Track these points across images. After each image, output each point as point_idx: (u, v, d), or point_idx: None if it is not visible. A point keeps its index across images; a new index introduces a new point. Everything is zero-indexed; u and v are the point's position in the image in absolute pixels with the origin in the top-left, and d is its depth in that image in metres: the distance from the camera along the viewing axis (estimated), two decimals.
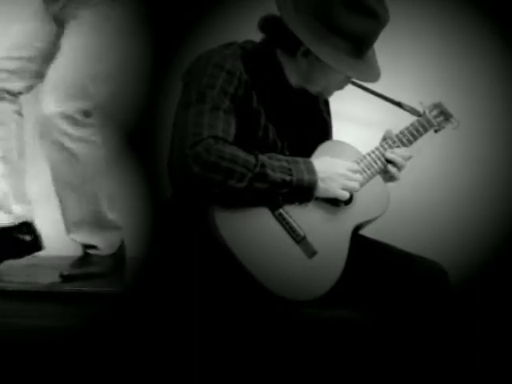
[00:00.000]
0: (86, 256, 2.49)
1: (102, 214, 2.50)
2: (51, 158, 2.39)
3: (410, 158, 2.08)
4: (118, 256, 2.56)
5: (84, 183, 2.43)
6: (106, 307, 2.22)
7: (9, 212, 2.50)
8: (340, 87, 2.02)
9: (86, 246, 2.50)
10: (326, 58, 1.89)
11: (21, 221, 2.52)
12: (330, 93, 2.04)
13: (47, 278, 2.41)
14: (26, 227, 2.54)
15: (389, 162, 2.05)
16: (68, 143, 2.36)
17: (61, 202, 2.46)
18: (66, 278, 2.37)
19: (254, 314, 1.85)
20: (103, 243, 2.51)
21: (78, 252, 2.54)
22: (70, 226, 2.49)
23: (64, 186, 2.43)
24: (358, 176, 1.96)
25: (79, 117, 2.36)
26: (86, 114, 2.38)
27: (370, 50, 1.96)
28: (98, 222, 2.49)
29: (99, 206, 2.48)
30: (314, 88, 2.00)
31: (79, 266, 2.44)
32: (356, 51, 1.92)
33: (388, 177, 2.07)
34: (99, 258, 2.49)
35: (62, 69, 2.36)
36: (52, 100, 2.33)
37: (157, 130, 2.72)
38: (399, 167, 2.06)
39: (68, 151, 2.37)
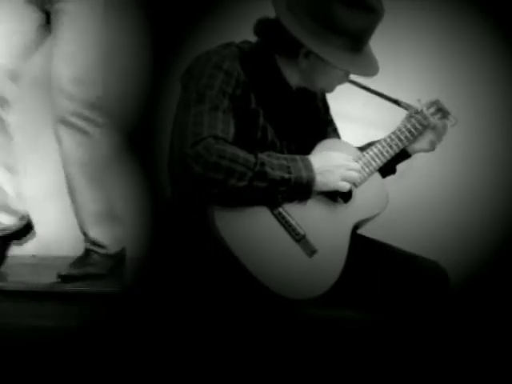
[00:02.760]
0: (86, 256, 2.49)
1: (113, 205, 2.51)
2: (67, 143, 2.42)
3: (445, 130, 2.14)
4: (120, 256, 2.56)
5: (98, 168, 2.46)
6: (106, 307, 2.22)
7: (15, 214, 2.54)
8: (342, 82, 2.03)
9: (95, 244, 2.49)
10: (328, 57, 1.89)
11: (25, 221, 2.57)
12: (333, 88, 2.05)
13: (47, 278, 2.41)
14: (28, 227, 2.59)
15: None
16: (84, 125, 2.40)
17: (75, 193, 2.47)
18: (64, 278, 2.37)
19: (254, 313, 1.85)
20: (112, 240, 2.51)
21: (78, 252, 2.54)
22: (85, 218, 2.49)
23: (79, 173, 2.44)
24: (356, 164, 1.96)
25: (94, 100, 2.41)
26: (98, 98, 2.42)
27: (367, 44, 1.97)
28: (110, 214, 2.50)
29: (111, 198, 2.49)
30: (316, 86, 2.01)
31: (78, 267, 2.43)
32: (354, 46, 1.92)
33: (427, 142, 2.13)
34: (99, 258, 2.48)
35: (66, 58, 2.38)
36: (66, 90, 2.37)
37: (157, 130, 2.72)
38: (440, 134, 2.12)
39: (84, 133, 2.41)
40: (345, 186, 1.93)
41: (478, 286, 2.69)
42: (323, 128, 2.15)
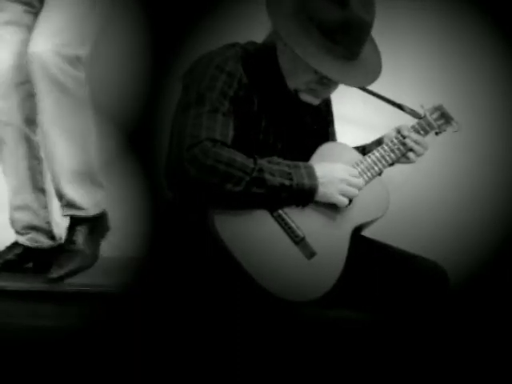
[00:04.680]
0: (70, 251, 2.45)
1: (92, 165, 2.43)
2: (47, 99, 2.33)
3: (427, 148, 2.09)
4: (99, 219, 2.53)
5: (76, 127, 2.38)
6: (106, 307, 2.22)
7: (52, 237, 2.53)
8: (316, 89, 1.95)
9: (72, 205, 2.45)
10: (288, 39, 1.86)
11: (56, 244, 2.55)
12: (304, 92, 1.96)
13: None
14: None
15: (409, 149, 2.07)
16: (65, 80, 2.32)
17: (51, 149, 2.38)
18: (54, 281, 2.35)
19: (253, 315, 1.85)
20: (90, 201, 2.44)
21: None
22: (60, 175, 2.41)
23: (57, 129, 2.36)
24: (358, 181, 1.95)
25: (75, 59, 2.33)
26: (79, 58, 2.35)
27: (354, 50, 1.90)
28: (87, 175, 2.42)
29: (89, 157, 2.42)
30: (289, 83, 1.96)
31: (63, 266, 2.41)
32: (332, 47, 1.86)
33: (404, 160, 2.09)
34: (82, 246, 2.44)
35: (55, 15, 2.33)
36: (49, 42, 2.30)
37: (157, 130, 2.72)
38: (418, 154, 2.08)
39: (64, 89, 2.33)
40: (343, 201, 1.92)
41: (477, 286, 2.70)
42: (325, 130, 2.14)
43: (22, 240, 2.50)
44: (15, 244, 2.51)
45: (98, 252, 2.47)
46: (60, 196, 2.43)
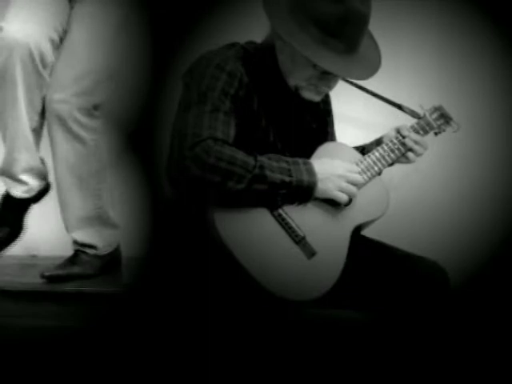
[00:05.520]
0: (75, 256, 2.47)
1: (104, 210, 2.50)
2: (61, 146, 2.40)
3: (426, 148, 2.10)
4: (112, 257, 2.55)
5: (90, 175, 2.45)
6: (106, 307, 2.22)
7: (39, 175, 2.51)
8: (316, 85, 1.95)
9: (84, 245, 2.48)
10: (289, 38, 1.86)
11: (46, 182, 2.55)
12: (305, 89, 1.96)
13: None
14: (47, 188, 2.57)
15: (409, 148, 2.08)
16: (80, 131, 2.39)
17: (64, 196, 2.46)
18: (47, 279, 2.35)
19: (253, 314, 1.85)
20: (102, 242, 2.50)
21: None
22: (72, 222, 2.48)
23: (70, 177, 2.43)
24: (357, 177, 1.95)
25: (91, 109, 2.39)
26: (96, 107, 2.41)
27: (352, 43, 1.90)
28: (100, 219, 2.49)
29: (102, 202, 2.49)
30: (289, 81, 1.97)
31: (62, 267, 2.42)
32: (330, 41, 1.87)
33: (404, 160, 2.10)
34: (88, 258, 2.47)
35: (75, 61, 2.37)
36: (67, 91, 2.35)
37: (157, 130, 2.72)
38: (417, 154, 2.09)
39: (79, 139, 2.39)
40: (342, 198, 1.92)
41: (478, 286, 2.69)
42: (324, 130, 2.15)
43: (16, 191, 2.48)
44: None
45: (95, 272, 2.49)
46: (71, 238, 2.49)
